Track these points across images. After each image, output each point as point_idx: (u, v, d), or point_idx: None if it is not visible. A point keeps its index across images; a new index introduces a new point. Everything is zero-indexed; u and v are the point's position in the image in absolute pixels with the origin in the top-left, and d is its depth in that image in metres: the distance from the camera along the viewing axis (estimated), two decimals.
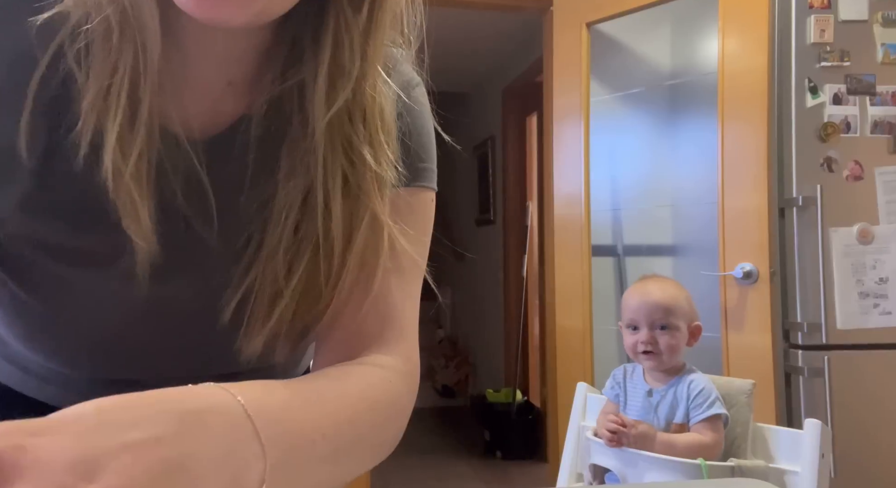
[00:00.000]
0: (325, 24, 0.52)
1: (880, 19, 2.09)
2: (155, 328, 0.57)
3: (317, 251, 0.53)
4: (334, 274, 0.54)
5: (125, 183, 0.48)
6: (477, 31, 3.93)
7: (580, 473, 1.53)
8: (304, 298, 0.54)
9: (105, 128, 0.47)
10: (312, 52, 0.53)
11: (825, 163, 2.08)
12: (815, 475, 1.23)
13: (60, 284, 0.53)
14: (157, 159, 0.51)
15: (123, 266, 0.51)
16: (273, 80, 0.55)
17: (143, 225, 0.49)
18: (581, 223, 2.65)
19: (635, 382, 1.50)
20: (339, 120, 0.53)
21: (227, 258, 0.55)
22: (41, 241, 0.51)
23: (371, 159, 0.54)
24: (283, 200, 0.54)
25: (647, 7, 2.47)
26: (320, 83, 0.52)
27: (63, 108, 0.48)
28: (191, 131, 0.53)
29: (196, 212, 0.54)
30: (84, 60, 0.47)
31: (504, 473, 3.62)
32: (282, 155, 0.55)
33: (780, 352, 2.10)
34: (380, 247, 0.55)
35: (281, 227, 0.53)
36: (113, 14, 0.47)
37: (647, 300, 1.47)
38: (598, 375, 2.61)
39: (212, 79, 0.55)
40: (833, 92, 2.08)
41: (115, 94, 0.47)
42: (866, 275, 2.06)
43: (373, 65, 0.54)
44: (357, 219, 0.54)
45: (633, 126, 2.79)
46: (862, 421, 2.03)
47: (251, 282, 0.54)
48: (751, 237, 2.12)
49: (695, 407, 1.39)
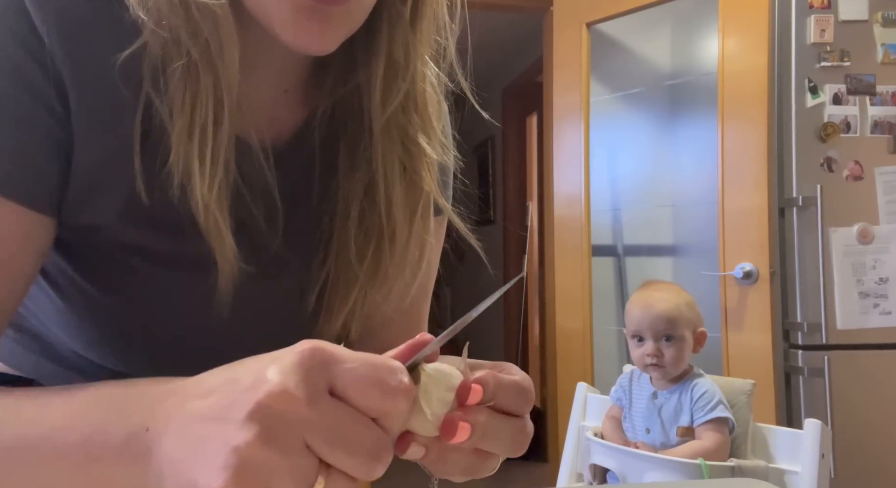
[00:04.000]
0: (379, 22, 0.54)
1: (880, 19, 2.09)
2: (238, 327, 0.58)
3: (381, 236, 0.57)
4: (398, 253, 0.58)
5: (211, 211, 0.50)
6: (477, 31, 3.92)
7: (580, 473, 1.53)
8: (373, 279, 0.58)
9: (192, 160, 0.49)
10: (366, 53, 0.55)
11: (825, 163, 2.08)
12: (815, 475, 1.23)
13: (148, 286, 0.54)
14: (235, 177, 0.52)
15: (210, 273, 0.53)
16: (333, 86, 0.57)
17: (227, 248, 0.51)
18: (581, 223, 2.65)
19: (641, 385, 1.50)
20: (394, 114, 0.56)
21: (304, 257, 0.58)
22: (137, 246, 0.52)
23: (426, 145, 0.57)
24: (347, 195, 0.57)
25: (647, 7, 2.47)
26: (378, 80, 0.55)
27: (155, 143, 0.49)
28: (259, 141, 0.55)
29: (271, 219, 0.56)
30: (165, 95, 0.49)
31: (504, 473, 3.59)
32: (341, 151, 0.58)
33: (780, 352, 2.09)
34: (429, 225, 0.60)
35: (349, 220, 0.57)
36: (194, 49, 0.48)
37: (649, 312, 1.47)
38: (598, 375, 2.61)
39: (270, 88, 0.57)
40: (833, 92, 2.08)
41: (198, 125, 0.48)
42: (866, 275, 2.05)
43: (422, 55, 0.56)
44: (415, 203, 0.58)
45: (633, 126, 2.79)
46: (862, 421, 2.03)
47: (327, 273, 0.58)
48: (751, 237, 2.12)
49: (697, 410, 1.40)
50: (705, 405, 1.39)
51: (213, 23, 0.47)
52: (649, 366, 1.46)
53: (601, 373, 2.61)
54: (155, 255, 0.53)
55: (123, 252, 0.52)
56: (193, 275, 0.54)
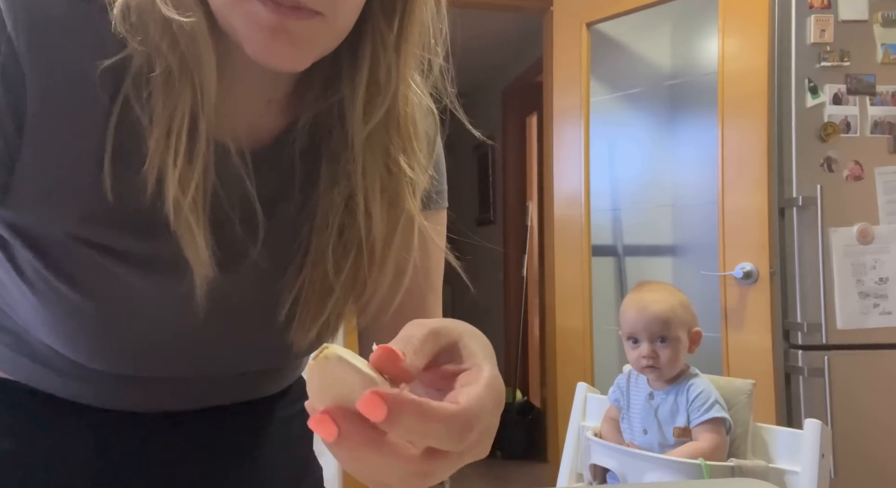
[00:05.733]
0: (363, 42, 0.55)
1: (880, 19, 2.09)
2: (212, 330, 0.59)
3: (360, 251, 0.58)
4: (375, 270, 0.59)
5: (184, 215, 0.50)
6: (477, 31, 3.93)
7: (580, 473, 1.53)
8: (349, 292, 0.59)
9: (167, 166, 0.50)
10: (350, 69, 0.56)
11: (825, 163, 2.08)
12: (815, 475, 1.23)
13: (121, 287, 0.54)
14: (213, 182, 0.53)
15: (185, 276, 0.54)
16: (316, 99, 0.58)
17: (200, 252, 0.52)
18: (581, 223, 2.65)
19: (638, 386, 1.50)
20: (376, 131, 0.57)
21: (280, 264, 0.59)
22: (108, 247, 0.53)
23: (406, 166, 0.58)
24: (327, 207, 0.58)
25: (647, 7, 2.47)
26: (359, 99, 0.56)
27: (131, 150, 0.51)
28: (238, 148, 0.56)
29: (248, 224, 0.57)
30: (147, 104, 0.50)
31: (504, 473, 3.62)
32: (322, 165, 0.58)
33: (780, 351, 2.10)
34: (411, 244, 0.61)
35: (327, 232, 0.58)
36: (173, 60, 0.49)
37: (644, 314, 1.47)
38: (598, 375, 2.61)
39: (253, 98, 0.57)
40: (833, 92, 2.08)
41: (175, 134, 0.50)
42: (866, 275, 2.05)
43: (405, 77, 0.57)
44: (394, 220, 0.59)
45: (633, 126, 2.79)
46: (862, 421, 2.03)
47: (303, 283, 0.59)
48: (751, 237, 2.12)
49: (693, 410, 1.39)
50: (701, 405, 1.39)
51: (190, 38, 0.49)
52: (645, 367, 1.45)
53: (601, 373, 2.61)
54: (128, 258, 0.54)
55: (94, 254, 0.53)
56: (168, 278, 0.55)
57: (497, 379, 0.39)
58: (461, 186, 5.37)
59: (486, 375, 0.39)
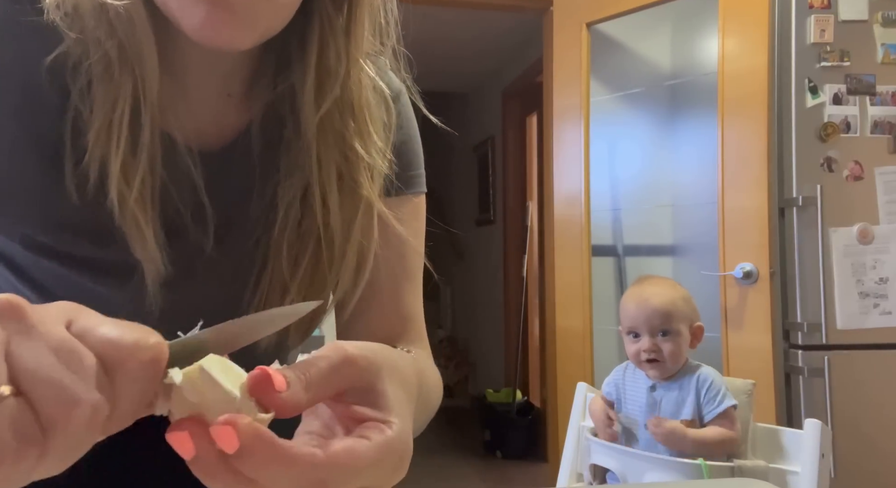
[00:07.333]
0: (311, 27, 0.54)
1: (880, 19, 2.09)
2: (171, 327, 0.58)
3: (319, 242, 0.56)
4: (336, 261, 0.57)
5: (130, 209, 0.49)
6: (477, 31, 3.93)
7: (580, 473, 1.53)
8: (311, 288, 0.57)
9: (109, 159, 0.49)
10: (299, 55, 0.55)
11: (825, 163, 2.08)
12: (815, 475, 1.23)
13: (82, 295, 0.54)
14: (162, 178, 0.52)
15: (137, 279, 0.53)
16: (266, 87, 0.57)
17: (149, 247, 0.51)
18: (581, 223, 2.65)
19: (636, 378, 1.48)
20: (329, 117, 0.55)
21: (239, 262, 0.58)
22: (69, 254, 0.53)
23: (362, 151, 0.57)
24: (284, 199, 0.56)
25: (647, 7, 2.47)
26: (309, 85, 0.54)
27: (73, 143, 0.50)
28: (196, 145, 0.55)
29: (202, 223, 0.56)
30: (87, 95, 0.49)
31: (504, 473, 3.62)
32: (280, 156, 0.57)
33: (780, 351, 2.10)
34: (371, 231, 0.59)
35: (284, 225, 0.56)
36: (111, 49, 0.48)
37: (644, 307, 1.44)
38: (598, 375, 2.61)
39: (211, 92, 0.56)
40: (833, 92, 2.08)
41: (116, 125, 0.48)
42: (866, 275, 2.06)
43: (356, 61, 0.56)
44: (353, 209, 0.57)
45: (633, 126, 2.79)
46: (862, 421, 2.03)
47: (262, 280, 0.57)
48: (751, 237, 2.12)
49: (708, 402, 1.37)
50: (714, 396, 1.37)
51: (127, 24, 0.48)
52: (645, 362, 1.43)
53: (601, 373, 2.60)
54: (73, 258, 0.53)
55: (59, 262, 0.53)
56: (119, 275, 0.54)
57: (400, 441, 0.35)
58: (461, 186, 5.37)
59: (386, 436, 0.34)
